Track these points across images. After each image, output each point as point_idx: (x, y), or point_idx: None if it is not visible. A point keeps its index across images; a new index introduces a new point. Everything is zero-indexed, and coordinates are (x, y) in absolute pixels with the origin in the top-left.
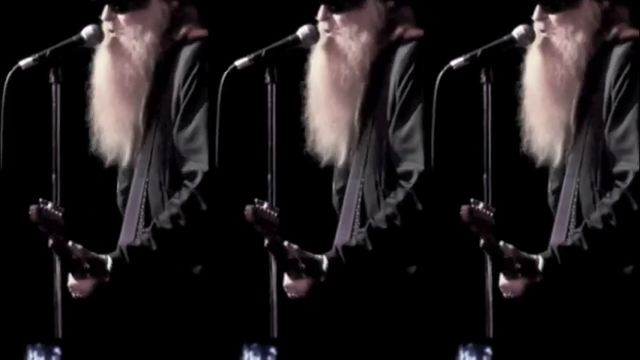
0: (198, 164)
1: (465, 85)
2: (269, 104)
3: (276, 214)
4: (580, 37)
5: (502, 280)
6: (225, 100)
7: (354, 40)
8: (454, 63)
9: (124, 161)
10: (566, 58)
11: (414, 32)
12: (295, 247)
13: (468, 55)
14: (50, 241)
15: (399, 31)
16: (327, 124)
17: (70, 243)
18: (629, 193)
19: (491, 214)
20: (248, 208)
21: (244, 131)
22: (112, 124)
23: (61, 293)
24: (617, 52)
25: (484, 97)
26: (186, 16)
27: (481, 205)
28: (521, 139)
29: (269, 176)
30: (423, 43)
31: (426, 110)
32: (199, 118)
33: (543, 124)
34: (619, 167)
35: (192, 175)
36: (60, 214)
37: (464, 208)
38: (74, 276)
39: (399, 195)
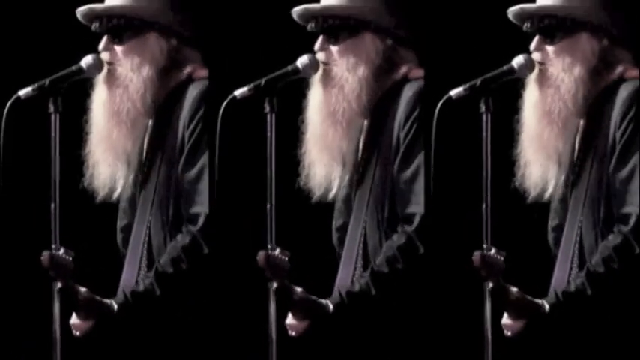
0: (200, 207)
1: (465, 116)
2: (268, 134)
3: (286, 259)
4: (577, 70)
5: (505, 319)
6: (224, 129)
7: (350, 72)
8: (453, 92)
9: (116, 195)
10: (563, 91)
11: (419, 72)
12: (299, 289)
13: (467, 85)
14: (59, 285)
15: (403, 70)
16: (323, 158)
17: (78, 287)
18: (631, 235)
19: (502, 259)
20: (260, 254)
21: (242, 162)
22: (108, 158)
23: (60, 329)
24: (623, 92)
25: (483, 127)
26: (186, 56)
27: (493, 251)
28: (516, 173)
29: (268, 206)
30: (428, 85)
31: (425, 144)
32: (204, 160)
33: (538, 158)
34: (622, 210)
35: (194, 218)
36: (70, 259)
37: (476, 254)
38: (78, 315)
39: (401, 238)
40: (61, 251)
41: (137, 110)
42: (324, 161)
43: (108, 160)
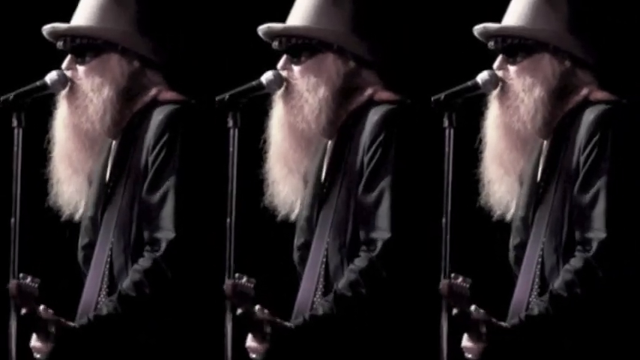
0: (162, 232)
1: (427, 131)
2: (231, 149)
3: (252, 286)
4: (537, 91)
5: (466, 341)
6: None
7: (310, 93)
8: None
9: (78, 214)
10: (523, 111)
11: (385, 95)
12: (266, 311)
13: (431, 100)
14: (23, 311)
15: (368, 92)
16: (285, 177)
17: (41, 308)
18: (595, 261)
19: (468, 286)
20: (228, 283)
21: (206, 180)
22: (69, 177)
23: (16, 351)
24: (588, 115)
25: (446, 142)
26: (150, 78)
27: (460, 279)
28: (480, 191)
29: (228, 220)
30: (394, 109)
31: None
32: (167, 185)
33: (499, 177)
34: (584, 233)
35: (155, 242)
36: (36, 286)
37: (443, 283)
38: (39, 338)
39: (363, 262)
40: (28, 280)
41: (96, 131)
42: (287, 180)
43: (70, 179)
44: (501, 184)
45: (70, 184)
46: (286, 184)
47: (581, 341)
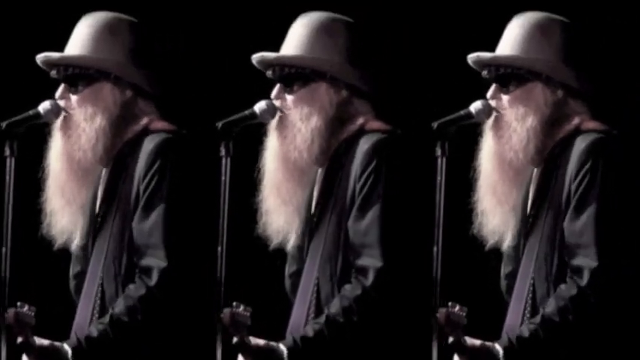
0: (154, 260)
1: (419, 160)
2: (223, 177)
3: (248, 315)
4: (530, 120)
5: None
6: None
7: (304, 122)
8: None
9: (74, 245)
10: (515, 141)
11: (376, 124)
12: (262, 342)
13: (432, 126)
14: (19, 340)
15: (360, 121)
16: (279, 207)
17: (35, 338)
18: (587, 289)
19: (464, 315)
20: (226, 312)
21: (195, 206)
22: (62, 208)
23: None
24: (580, 144)
25: (438, 171)
26: (142, 108)
27: (457, 308)
28: (474, 220)
29: (219, 248)
30: (385, 138)
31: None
32: (158, 213)
33: (493, 208)
34: (576, 261)
35: (147, 270)
36: (32, 315)
37: (441, 312)
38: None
39: (356, 290)
40: (25, 308)
41: (88, 160)
42: (280, 210)
43: (63, 210)
44: (495, 214)
45: (64, 215)
46: (280, 215)
47: None
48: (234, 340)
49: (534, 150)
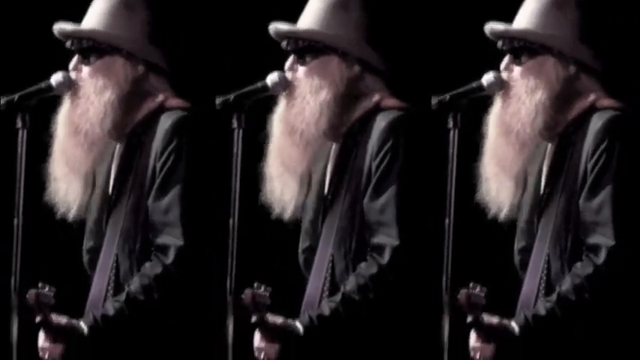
0: (171, 238)
1: (434, 137)
2: (235, 150)
3: (268, 294)
4: (539, 94)
5: (474, 342)
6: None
7: (312, 95)
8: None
9: (72, 213)
10: (523, 113)
11: (392, 102)
12: (280, 320)
13: (436, 100)
14: (38, 319)
15: (375, 98)
16: (281, 175)
17: (54, 316)
18: (604, 268)
19: (484, 295)
20: (247, 292)
21: (210, 183)
22: (65, 175)
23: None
24: (596, 122)
25: (450, 143)
26: (154, 84)
27: (477, 289)
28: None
29: (231, 221)
30: (402, 115)
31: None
32: (175, 192)
33: (495, 175)
34: (592, 239)
35: (164, 249)
36: (52, 295)
37: (462, 293)
38: (48, 338)
39: (372, 268)
40: (46, 289)
41: (95, 133)
42: (282, 178)
43: (66, 177)
44: (496, 182)
45: (65, 183)
46: (280, 182)
47: (588, 346)
48: (253, 319)
49: (542, 124)
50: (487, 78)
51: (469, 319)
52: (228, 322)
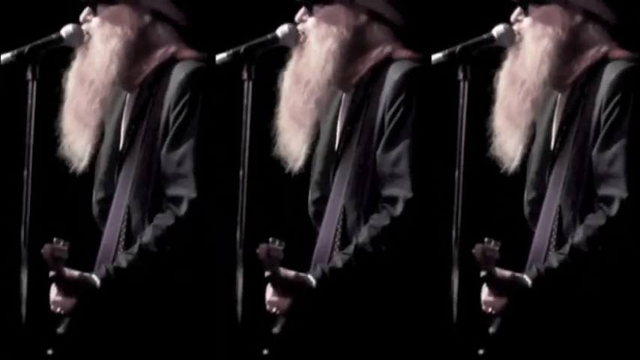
0: (184, 190)
1: (442, 83)
2: (245, 101)
3: (282, 249)
4: (545, 42)
5: (486, 296)
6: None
7: (319, 44)
8: (433, 58)
9: (83, 164)
10: (529, 62)
11: (405, 53)
12: (292, 273)
13: (446, 51)
14: (51, 273)
15: (387, 49)
16: (291, 126)
17: (65, 269)
18: (617, 219)
19: (498, 249)
20: (262, 247)
21: (223, 134)
22: (75, 127)
23: (27, 309)
24: (610, 73)
25: (460, 95)
26: (161, 34)
27: (492, 244)
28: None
29: (240, 172)
30: (416, 67)
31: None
32: (189, 144)
33: (505, 128)
34: (605, 190)
35: (177, 200)
36: (66, 249)
37: (478, 247)
38: (60, 292)
39: (385, 220)
40: (61, 244)
41: (101, 82)
42: (291, 129)
43: (76, 130)
44: (506, 134)
45: (75, 135)
46: (290, 134)
47: (601, 298)
48: (267, 273)
49: (549, 73)
50: (497, 29)
51: (482, 273)
52: (237, 275)
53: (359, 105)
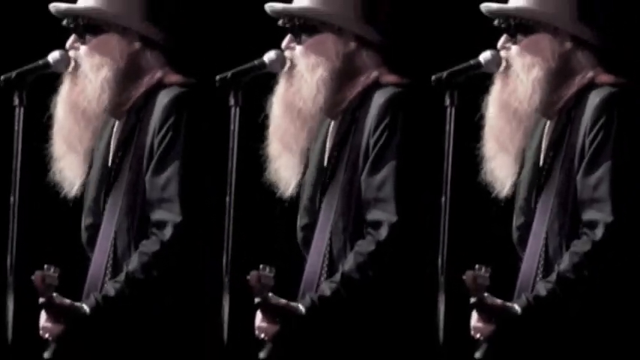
0: (169, 214)
1: (432, 113)
2: (232, 127)
3: (272, 276)
4: (536, 71)
5: (475, 322)
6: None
7: (309, 73)
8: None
9: (73, 192)
10: (521, 91)
11: (390, 78)
12: (283, 301)
13: (433, 78)
14: (41, 300)
15: (374, 74)
16: (282, 153)
17: (55, 296)
18: (602, 244)
19: (488, 276)
20: (253, 273)
21: (209, 159)
22: (65, 154)
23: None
24: (594, 98)
25: (447, 121)
26: (150, 60)
27: (483, 270)
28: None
29: (227, 199)
30: (401, 92)
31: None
32: (173, 168)
33: (495, 154)
34: (589, 215)
35: (161, 225)
36: (56, 276)
37: (469, 274)
38: (49, 318)
39: (370, 245)
40: (51, 270)
41: (93, 110)
42: (282, 156)
43: (66, 156)
44: (497, 160)
45: (67, 161)
46: (281, 161)
47: (589, 323)
48: (257, 300)
49: (540, 101)
50: (484, 55)
51: (472, 299)
52: (224, 302)
53: (346, 131)
